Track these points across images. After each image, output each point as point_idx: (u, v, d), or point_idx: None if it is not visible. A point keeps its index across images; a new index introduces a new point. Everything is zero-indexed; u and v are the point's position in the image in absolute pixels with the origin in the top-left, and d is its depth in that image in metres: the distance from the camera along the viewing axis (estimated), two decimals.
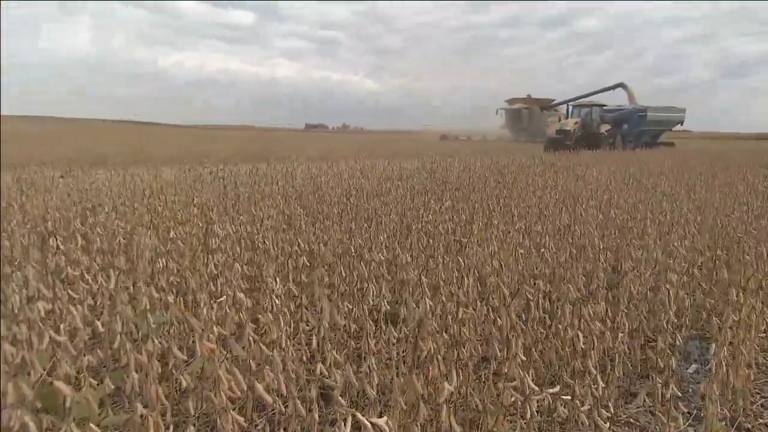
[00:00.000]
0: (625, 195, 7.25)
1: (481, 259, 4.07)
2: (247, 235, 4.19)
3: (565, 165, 12.60)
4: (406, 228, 5.11)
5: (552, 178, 9.28)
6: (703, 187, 8.10)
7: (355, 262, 3.75)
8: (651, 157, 16.64)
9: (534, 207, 6.11)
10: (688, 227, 4.85)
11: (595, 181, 8.99)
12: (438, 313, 2.82)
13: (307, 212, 5.77)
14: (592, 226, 4.84)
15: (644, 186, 8.39)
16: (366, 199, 6.57)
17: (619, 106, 32.57)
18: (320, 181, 8.33)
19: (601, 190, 7.62)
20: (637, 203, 6.53)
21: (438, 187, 8.03)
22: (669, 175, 10.12)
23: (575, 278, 3.39)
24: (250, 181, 7.96)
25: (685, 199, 6.91)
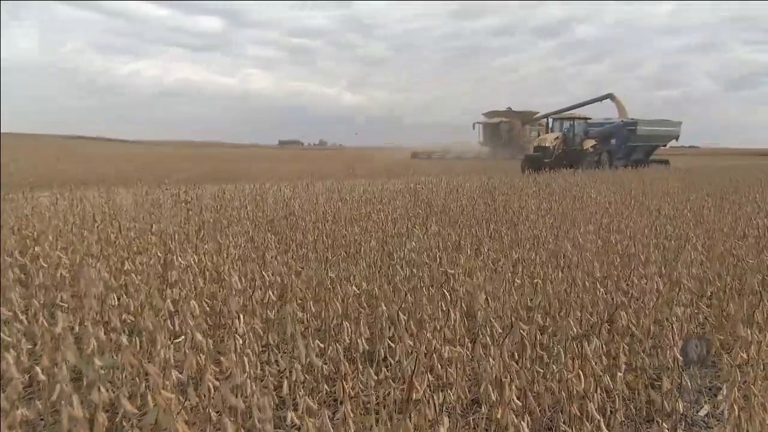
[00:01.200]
0: (626, 218, 7.33)
1: (469, 290, 4.07)
2: (212, 266, 4.15)
3: (560, 185, 12.74)
4: (388, 256, 5.09)
5: (546, 200, 9.36)
6: (711, 210, 8.21)
7: (331, 295, 3.72)
8: (654, 177, 16.90)
9: (527, 232, 6.14)
10: (695, 254, 4.91)
11: (593, 203, 9.09)
12: (422, 352, 2.81)
13: (278, 240, 5.73)
14: (590, 254, 4.87)
15: (647, 208, 8.50)
16: (343, 225, 6.55)
17: (606, 119, 32.19)
18: (293, 205, 8.30)
19: (600, 213, 7.70)
20: (640, 227, 6.60)
21: (422, 210, 8.05)
22: (674, 196, 10.27)
23: (573, 311, 3.40)
24: (215, 204, 7.92)
25: (691, 223, 7.00)
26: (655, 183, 13.93)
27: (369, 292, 4.21)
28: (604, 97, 38.04)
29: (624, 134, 30.01)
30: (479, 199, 9.66)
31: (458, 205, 8.71)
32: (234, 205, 8.07)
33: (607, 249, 5.27)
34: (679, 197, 10.14)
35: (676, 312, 3.42)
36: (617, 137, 29.97)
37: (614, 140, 29.88)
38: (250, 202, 8.65)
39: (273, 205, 8.45)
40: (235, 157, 41.64)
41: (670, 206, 8.64)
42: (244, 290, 3.78)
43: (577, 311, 3.47)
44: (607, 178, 15.45)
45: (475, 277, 4.16)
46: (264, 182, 12.83)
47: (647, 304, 3.70)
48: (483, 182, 13.32)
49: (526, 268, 4.60)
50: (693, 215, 7.62)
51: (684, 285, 3.94)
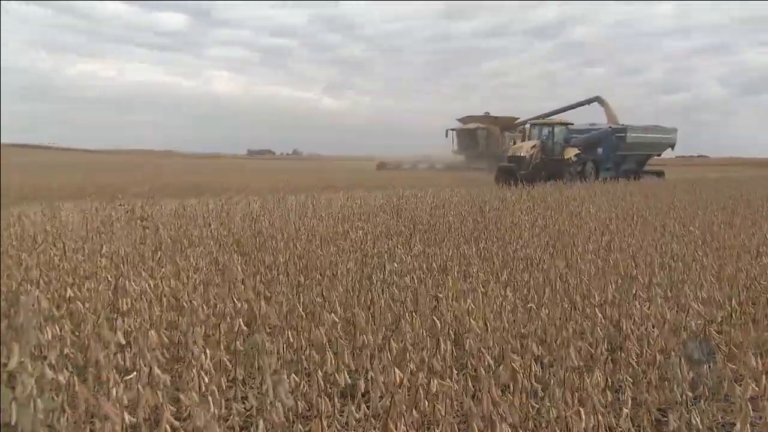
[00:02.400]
0: (628, 236, 7.39)
1: (457, 315, 4.06)
2: (170, 292, 4.10)
3: (557, 200, 12.83)
4: (368, 279, 5.08)
5: (541, 216, 9.42)
6: (722, 226, 8.29)
7: (305, 323, 3.69)
8: (658, 190, 17.09)
9: (520, 252, 6.17)
10: (704, 275, 4.95)
11: (592, 219, 9.16)
12: (406, 386, 2.79)
13: (246, 261, 5.69)
14: (589, 275, 4.90)
15: (651, 225, 8.58)
16: (318, 245, 6.53)
17: (591, 125, 31.33)
18: (263, 222, 8.26)
19: (599, 230, 7.76)
20: (643, 246, 6.66)
21: (405, 228, 8.06)
22: (680, 212, 10.38)
23: (571, 340, 3.41)
24: (175, 222, 7.85)
25: (699, 241, 7.07)
26: (659, 197, 14.09)
27: (347, 319, 4.19)
28: (591, 99, 37.19)
29: (612, 142, 29.25)
30: (467, 214, 9.69)
31: (444, 222, 8.73)
32: (196, 223, 8.01)
33: (608, 270, 5.31)
34: (686, 213, 10.25)
35: (683, 340, 3.44)
36: (604, 145, 29.21)
37: (601, 149, 29.15)
38: (215, 219, 8.59)
39: (240, 223, 8.40)
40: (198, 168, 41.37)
41: (677, 223, 8.73)
42: (208, 318, 3.74)
43: (575, 339, 3.48)
44: (607, 192, 15.60)
45: (464, 301, 4.15)
46: (230, 196, 12.76)
47: (652, 332, 3.72)
48: (472, 196, 13.38)
49: (519, 292, 4.62)
50: (701, 232, 7.70)
51: (692, 310, 3.98)
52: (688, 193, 15.96)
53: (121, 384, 2.35)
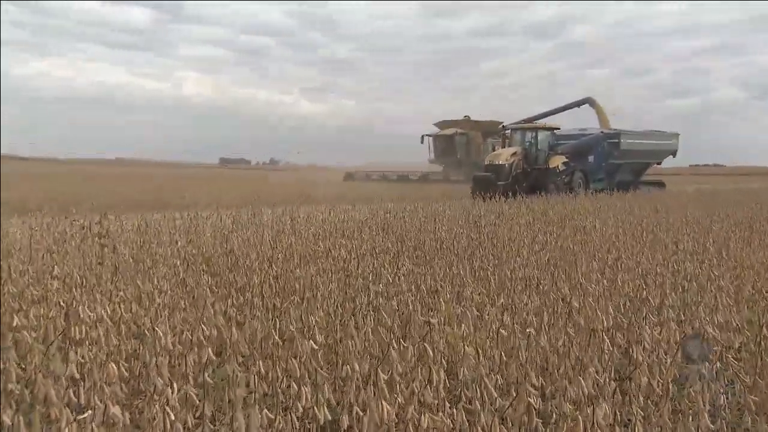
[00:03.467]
0: (637, 254, 7.42)
1: (450, 342, 4.05)
2: (131, 318, 4.06)
3: (559, 213, 12.88)
4: (351, 303, 5.06)
5: (542, 232, 9.45)
6: (739, 242, 8.33)
7: (282, 352, 3.66)
8: (670, 203, 17.19)
9: (519, 271, 6.17)
10: (720, 297, 4.96)
11: (598, 234, 9.20)
12: (395, 421, 2.77)
13: (216, 283, 5.66)
14: (594, 297, 4.90)
15: (662, 241, 8.62)
16: (297, 264, 6.50)
17: (581, 130, 30.81)
18: (236, 239, 8.22)
19: (605, 247, 7.79)
20: (653, 265, 6.68)
21: (392, 245, 8.05)
22: (693, 226, 10.44)
23: (575, 369, 3.40)
24: (138, 239, 7.79)
25: (714, 259, 7.10)
26: (671, 211, 14.17)
27: (328, 346, 4.16)
28: (581, 101, 36.23)
29: (604, 149, 28.57)
30: (461, 228, 9.71)
31: (436, 238, 8.73)
32: (161, 240, 7.95)
33: (615, 291, 5.32)
34: (700, 228, 10.30)
35: (699, 368, 3.44)
36: (595, 153, 28.56)
37: (592, 156, 28.54)
38: (182, 235, 8.53)
39: (211, 240, 8.36)
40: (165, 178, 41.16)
41: (690, 239, 8.77)
42: (173, 347, 3.70)
43: (582, 368, 3.47)
44: (614, 205, 15.68)
45: (457, 326, 4.14)
46: (200, 210, 12.70)
47: (664, 359, 3.72)
48: (466, 209, 13.40)
49: (517, 316, 4.61)
50: (717, 250, 7.74)
51: (708, 335, 3.99)
52: (701, 206, 16.07)
53: (74, 423, 2.31)
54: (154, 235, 8.42)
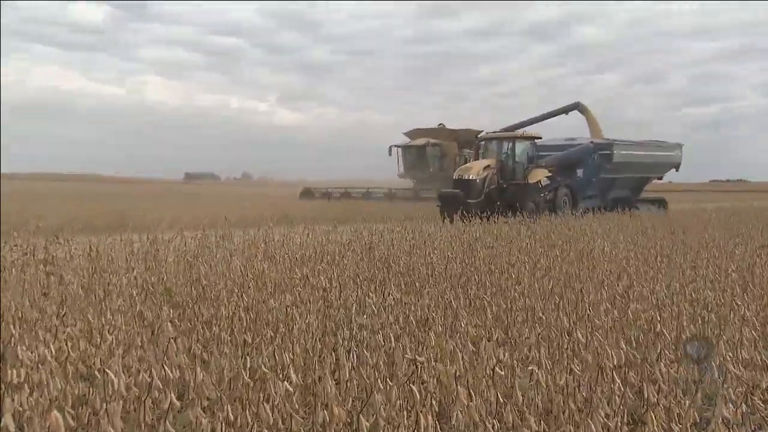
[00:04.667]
0: (650, 280, 7.44)
1: (442, 381, 4.04)
2: (79, 357, 4.03)
3: (563, 235, 12.92)
4: (332, 337, 5.04)
5: (545, 256, 9.47)
6: (766, 269, 8.33)
7: (253, 394, 3.64)
8: (687, 224, 17.26)
9: (518, 300, 6.18)
10: (745, 330, 4.97)
11: (607, 259, 9.23)
12: None
13: (179, 315, 5.62)
14: (603, 330, 4.91)
15: (678, 267, 8.65)
16: (271, 293, 6.48)
17: (568, 140, 29.87)
18: (202, 266, 8.19)
19: (615, 273, 7.81)
20: (669, 293, 6.69)
21: (379, 272, 8.04)
22: (713, 250, 10.48)
23: (582, 412, 3.40)
24: (89, 266, 7.74)
25: (738, 286, 7.12)
26: (688, 232, 14.24)
27: (306, 387, 4.15)
28: (570, 107, 35.20)
29: (594, 162, 27.58)
30: (454, 253, 9.71)
31: (426, 262, 8.74)
32: (116, 267, 7.90)
33: (626, 323, 5.33)
34: (722, 251, 10.35)
35: (721, 411, 3.45)
36: (584, 166, 27.75)
37: (581, 170, 27.76)
38: (140, 261, 8.49)
39: (173, 267, 8.32)
40: (121, 195, 40.96)
41: (710, 264, 8.81)
42: (128, 390, 3.67)
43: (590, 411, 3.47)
44: (625, 226, 15.76)
45: (450, 364, 4.14)
46: (161, 232, 12.62)
47: (682, 400, 3.72)
48: (460, 231, 13.43)
49: (517, 351, 4.61)
50: (740, 276, 7.75)
51: (731, 373, 3.99)
52: (722, 226, 16.13)
53: None
54: (108, 261, 8.36)
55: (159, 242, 10.33)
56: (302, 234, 12.47)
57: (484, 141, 28.32)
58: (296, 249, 10.40)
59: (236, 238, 11.66)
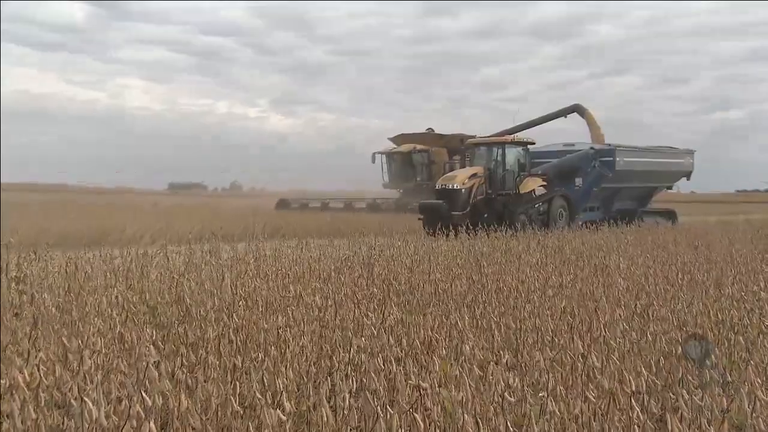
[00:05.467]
0: (671, 299, 7.42)
1: (447, 408, 4.03)
2: (54, 384, 4.00)
3: (576, 249, 12.92)
4: (328, 361, 5.03)
5: (557, 272, 9.46)
6: None
7: (242, 423, 3.62)
8: (712, 237, 17.22)
9: (529, 321, 6.16)
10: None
11: (624, 276, 9.22)
12: None
13: (163, 338, 5.60)
14: (621, 354, 4.89)
15: (702, 285, 8.63)
16: (262, 313, 6.47)
17: (567, 145, 29.46)
18: (187, 283, 8.18)
19: (633, 291, 7.80)
20: (692, 313, 6.67)
21: (378, 289, 8.04)
22: (741, 266, 10.46)
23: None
24: (65, 284, 7.72)
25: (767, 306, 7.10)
26: (713, 246, 14.23)
27: (299, 415, 4.13)
28: (568, 109, 35.67)
29: (595, 170, 26.97)
30: (459, 269, 9.71)
31: (430, 280, 8.73)
32: (95, 285, 7.89)
33: (645, 346, 5.31)
34: (749, 268, 10.33)
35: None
36: (584, 174, 27.08)
37: (580, 179, 27.09)
38: (121, 279, 8.47)
39: (156, 284, 8.31)
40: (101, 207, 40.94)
41: (736, 281, 8.79)
42: (107, 420, 3.65)
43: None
44: (643, 240, 15.75)
45: (455, 389, 4.12)
46: (144, 247, 12.62)
47: (707, 430, 3.71)
48: (466, 246, 13.43)
49: (528, 376, 4.59)
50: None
51: (761, 401, 3.98)
52: (750, 240, 16.11)
53: None
54: (86, 278, 8.34)
55: (141, 258, 10.33)
56: (295, 248, 12.48)
57: (472, 147, 27.61)
58: (289, 264, 10.39)
59: (224, 253, 11.67)
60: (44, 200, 37.67)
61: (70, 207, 35.45)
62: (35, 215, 27.76)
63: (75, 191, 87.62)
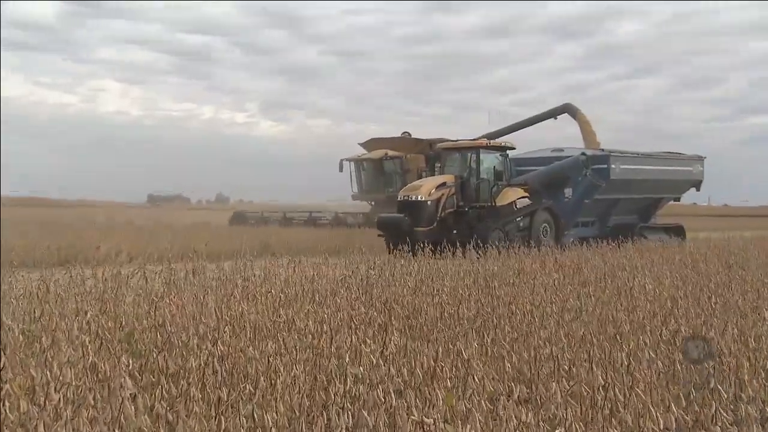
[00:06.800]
0: (703, 325, 7.39)
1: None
2: (18, 421, 4.01)
3: (596, 268, 12.90)
4: (322, 393, 5.03)
5: (575, 294, 9.45)
6: None
7: None
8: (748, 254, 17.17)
9: (544, 349, 6.16)
10: None
11: (648, 298, 9.21)
12: None
13: (141, 367, 5.60)
14: (647, 386, 4.89)
15: (736, 308, 8.62)
16: (250, 340, 6.46)
17: (555, 150, 28.54)
18: (168, 307, 8.18)
19: (660, 316, 7.79)
20: (725, 340, 6.65)
21: (378, 313, 8.04)
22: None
23: None
24: (31, 309, 7.71)
25: None
26: (748, 265, 14.19)
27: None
28: (559, 110, 35.38)
29: (586, 179, 25.71)
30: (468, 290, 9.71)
31: (435, 302, 8.73)
32: (65, 309, 7.88)
33: (674, 378, 5.31)
34: None
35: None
36: (574, 184, 26.00)
37: (569, 189, 26.04)
38: (94, 302, 8.46)
39: (133, 308, 8.30)
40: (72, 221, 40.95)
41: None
42: None
43: None
44: (670, 258, 15.73)
45: (461, 426, 4.13)
46: (120, 266, 12.61)
47: None
48: (474, 266, 13.43)
49: (543, 411, 4.59)
50: None
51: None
52: None
53: None
54: (56, 302, 8.33)
55: (117, 278, 10.32)
56: (287, 268, 12.48)
57: (442, 152, 26.16)
58: (281, 285, 10.39)
59: (209, 273, 11.66)
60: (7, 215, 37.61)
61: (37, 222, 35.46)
62: None
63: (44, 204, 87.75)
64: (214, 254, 17.87)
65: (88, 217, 43.87)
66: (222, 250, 20.13)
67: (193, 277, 11.13)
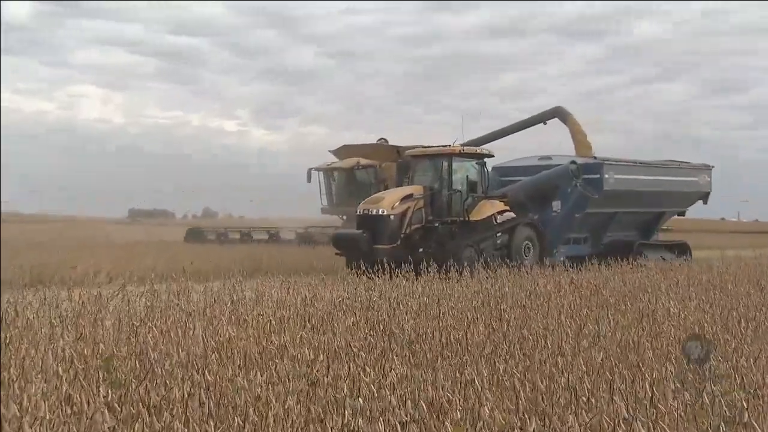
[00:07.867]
0: (733, 352, 7.37)
1: None
2: None
3: (617, 291, 12.88)
4: (318, 426, 5.02)
5: (592, 319, 9.43)
6: None
7: None
8: None
9: (559, 378, 6.13)
10: None
11: (675, 323, 9.19)
12: None
13: (120, 399, 5.58)
14: (672, 418, 4.87)
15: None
16: (239, 369, 6.45)
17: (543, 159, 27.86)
18: (150, 332, 8.16)
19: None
20: (759, 369, 6.63)
21: (379, 339, 8.02)
22: None
23: None
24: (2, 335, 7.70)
25: None
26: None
27: None
28: (548, 114, 34.93)
29: (576, 190, 25.24)
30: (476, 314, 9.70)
31: (440, 327, 8.72)
32: (38, 336, 7.87)
33: (702, 411, 5.28)
34: None
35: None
36: (563, 196, 25.48)
37: (559, 202, 25.49)
38: (70, 327, 8.45)
39: (112, 333, 8.29)
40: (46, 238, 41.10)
41: None
42: None
43: None
44: (696, 278, 15.71)
45: None
46: (99, 287, 12.61)
47: None
48: (485, 287, 13.42)
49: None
50: None
51: None
52: None
53: None
54: (26, 327, 8.32)
55: (95, 301, 10.31)
56: (279, 290, 12.48)
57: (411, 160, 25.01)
58: (274, 308, 10.38)
59: (195, 295, 11.66)
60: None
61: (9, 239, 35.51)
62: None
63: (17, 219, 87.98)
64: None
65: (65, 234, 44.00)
66: None
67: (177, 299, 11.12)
